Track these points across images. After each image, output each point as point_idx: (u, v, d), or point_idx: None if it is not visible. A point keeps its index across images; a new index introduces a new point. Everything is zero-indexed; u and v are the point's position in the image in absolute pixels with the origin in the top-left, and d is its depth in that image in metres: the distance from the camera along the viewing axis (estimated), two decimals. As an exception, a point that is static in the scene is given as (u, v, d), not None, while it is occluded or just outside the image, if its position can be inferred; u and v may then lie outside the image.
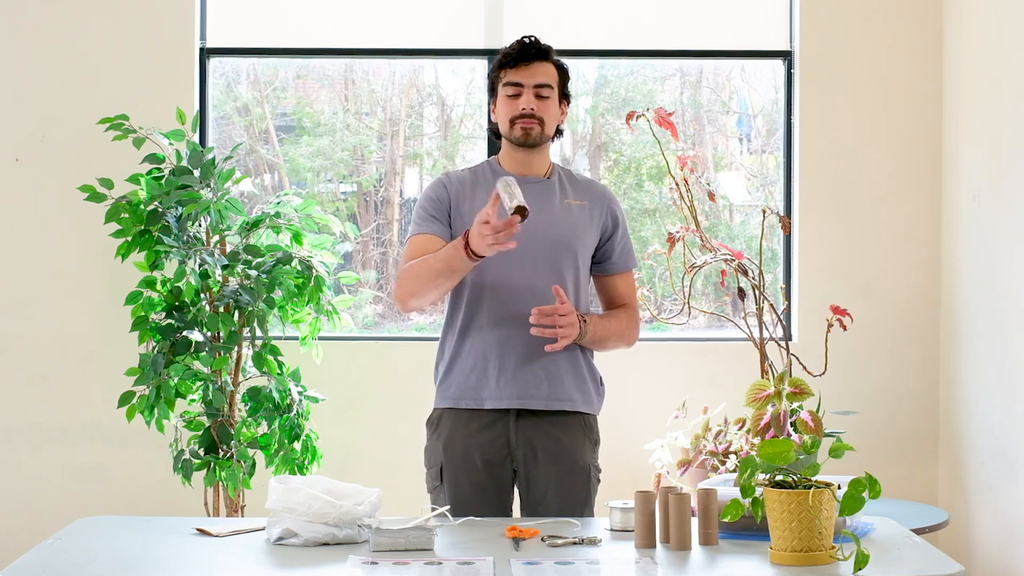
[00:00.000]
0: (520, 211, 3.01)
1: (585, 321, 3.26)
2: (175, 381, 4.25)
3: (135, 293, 4.39)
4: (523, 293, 3.25)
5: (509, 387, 3.26)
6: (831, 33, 4.87)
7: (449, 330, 3.35)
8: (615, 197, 3.46)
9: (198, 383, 4.32)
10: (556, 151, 4.84)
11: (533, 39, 3.33)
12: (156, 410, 4.26)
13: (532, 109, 3.28)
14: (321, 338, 4.58)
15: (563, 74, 3.36)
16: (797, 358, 4.38)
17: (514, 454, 3.28)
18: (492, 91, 3.38)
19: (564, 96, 3.38)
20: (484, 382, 3.27)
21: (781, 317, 4.49)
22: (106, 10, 4.79)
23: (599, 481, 3.38)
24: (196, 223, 4.38)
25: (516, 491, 3.34)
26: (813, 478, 2.60)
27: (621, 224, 3.42)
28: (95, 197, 4.39)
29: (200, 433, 4.40)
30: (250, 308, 4.32)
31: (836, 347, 4.33)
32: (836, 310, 4.16)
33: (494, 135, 3.42)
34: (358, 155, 5.15)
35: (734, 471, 4.04)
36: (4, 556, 4.29)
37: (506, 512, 3.31)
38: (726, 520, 2.64)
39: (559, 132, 3.39)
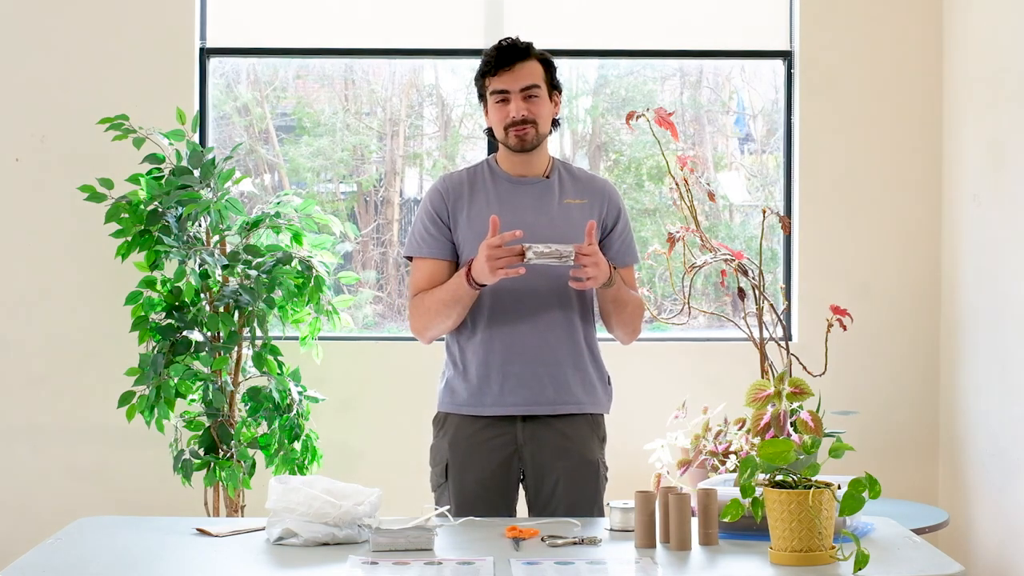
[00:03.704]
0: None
1: (616, 269, 3.24)
2: (175, 381, 4.24)
3: (135, 293, 4.39)
4: (524, 298, 3.23)
5: (514, 394, 3.24)
6: (831, 33, 4.87)
7: (452, 337, 3.34)
8: (616, 191, 3.41)
9: (198, 383, 4.31)
10: (556, 150, 4.84)
11: (511, 40, 3.26)
12: (156, 410, 4.26)
13: (523, 115, 3.24)
14: (321, 338, 4.58)
15: (548, 67, 3.29)
16: (797, 358, 4.38)
17: (521, 452, 3.27)
18: (481, 97, 3.33)
19: (554, 88, 3.31)
20: (487, 389, 3.26)
21: (781, 317, 4.48)
22: (106, 10, 4.79)
23: (606, 480, 3.36)
24: (196, 223, 4.38)
25: (522, 491, 3.32)
26: (813, 478, 2.60)
27: (622, 219, 3.38)
28: (95, 197, 4.38)
29: (200, 433, 4.40)
30: (250, 308, 4.32)
31: (836, 347, 4.32)
32: (836, 310, 4.16)
33: (490, 136, 3.39)
34: (358, 155, 5.15)
35: (734, 471, 4.04)
36: (4, 556, 4.28)
37: (510, 511, 3.29)
38: (726, 520, 2.64)
39: (555, 124, 3.34)
